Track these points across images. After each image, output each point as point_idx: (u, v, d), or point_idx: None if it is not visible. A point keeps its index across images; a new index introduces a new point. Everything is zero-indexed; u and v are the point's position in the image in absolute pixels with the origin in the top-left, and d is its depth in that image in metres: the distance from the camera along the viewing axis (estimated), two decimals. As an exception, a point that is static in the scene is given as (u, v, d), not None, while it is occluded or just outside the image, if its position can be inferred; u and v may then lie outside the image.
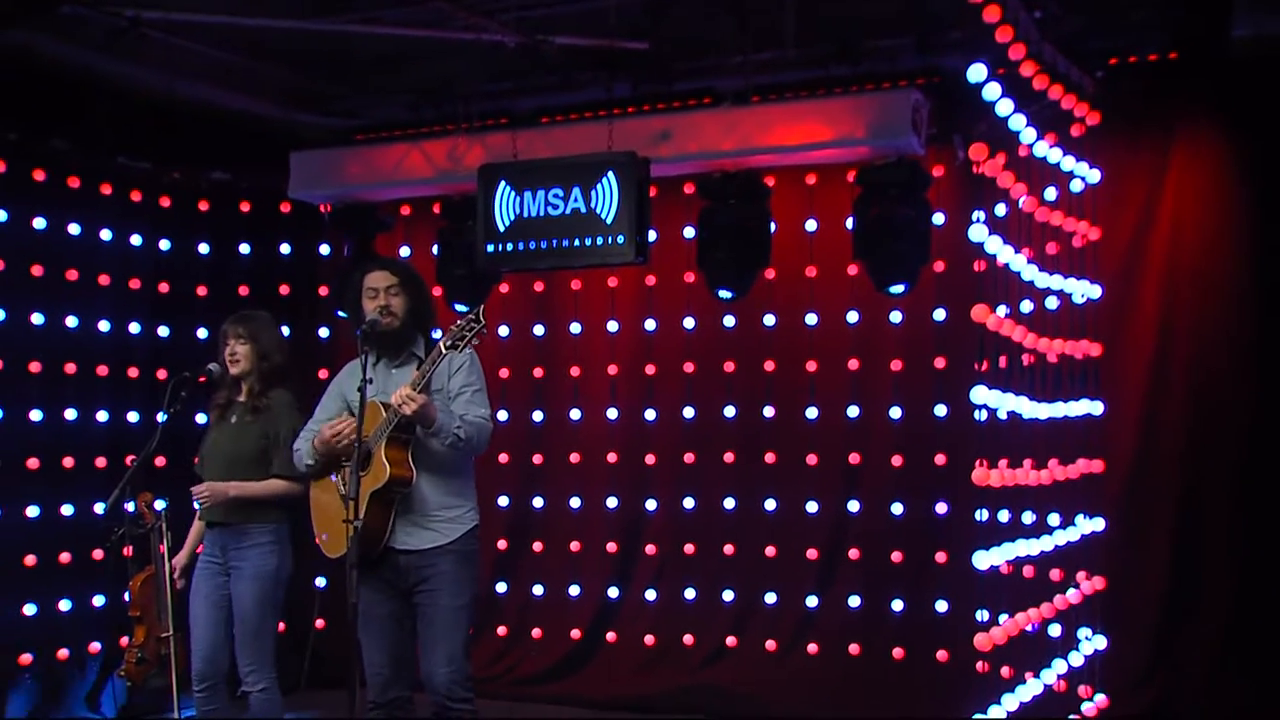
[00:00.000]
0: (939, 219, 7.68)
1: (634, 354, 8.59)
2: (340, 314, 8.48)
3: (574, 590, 8.67)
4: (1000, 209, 6.37)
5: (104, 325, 8.13)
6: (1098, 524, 7.00)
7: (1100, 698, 6.91)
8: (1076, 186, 6.98)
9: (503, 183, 7.62)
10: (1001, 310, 6.15)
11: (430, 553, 5.20)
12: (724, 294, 7.69)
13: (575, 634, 8.63)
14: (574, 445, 8.71)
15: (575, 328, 8.69)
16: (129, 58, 7.31)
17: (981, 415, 6.18)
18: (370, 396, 5.15)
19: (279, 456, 5.72)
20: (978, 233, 6.02)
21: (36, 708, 7.55)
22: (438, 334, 5.40)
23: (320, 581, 8.48)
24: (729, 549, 8.30)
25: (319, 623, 8.72)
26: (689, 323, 8.40)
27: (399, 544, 5.20)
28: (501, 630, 8.78)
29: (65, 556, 7.80)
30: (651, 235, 7.63)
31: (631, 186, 7.33)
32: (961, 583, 7.30)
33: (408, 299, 5.35)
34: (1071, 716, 6.67)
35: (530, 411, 8.76)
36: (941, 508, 7.75)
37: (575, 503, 8.70)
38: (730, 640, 8.28)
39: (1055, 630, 6.83)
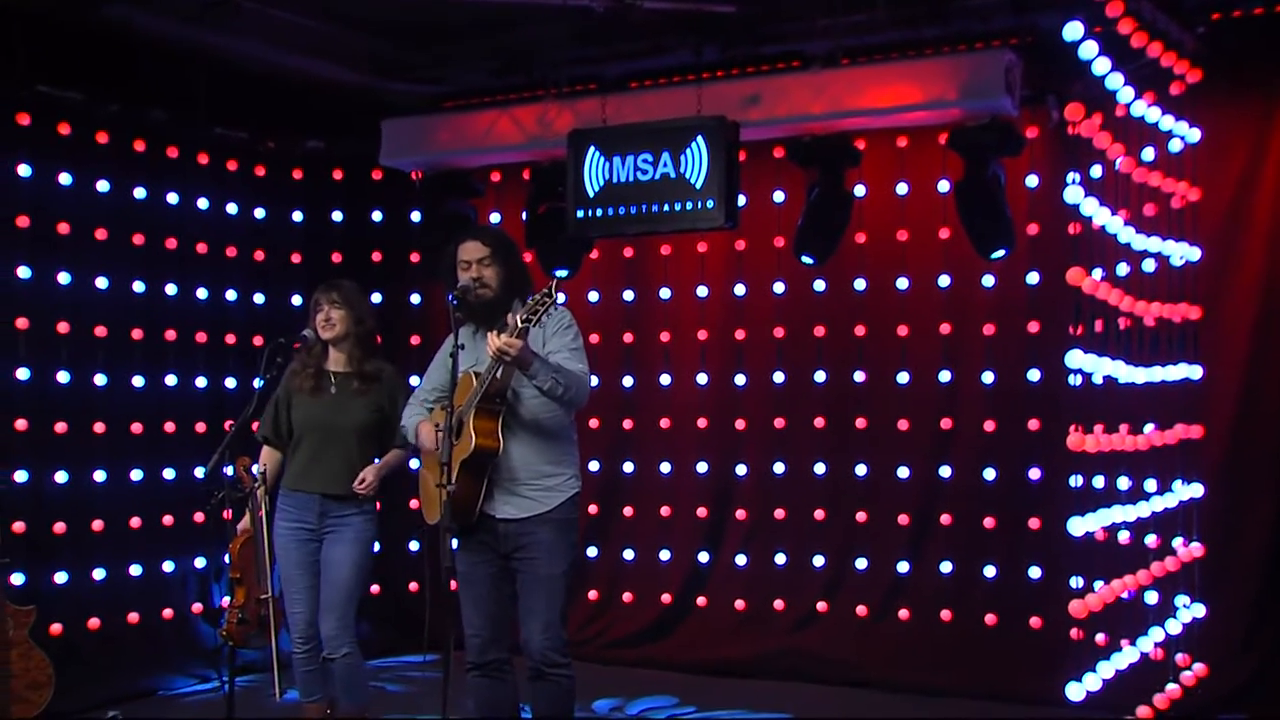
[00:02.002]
0: (1033, 181, 7.57)
1: (724, 319, 8.57)
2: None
3: (664, 555, 8.71)
4: (1096, 170, 6.27)
5: (202, 293, 8.28)
6: (1196, 490, 6.89)
7: (1199, 666, 6.81)
8: (1175, 146, 6.84)
9: (592, 148, 7.64)
10: (1097, 273, 6.06)
11: (529, 521, 5.21)
12: (806, 260, 7.65)
13: (665, 598, 8.67)
14: (664, 410, 8.73)
15: (665, 293, 8.69)
16: (224, 29, 7.41)
17: (1076, 380, 6.11)
18: (465, 365, 5.20)
19: (394, 428, 5.81)
20: (1073, 194, 5.93)
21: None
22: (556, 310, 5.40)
23: (413, 545, 8.60)
24: (819, 514, 8.28)
25: (413, 586, 8.87)
26: (779, 287, 8.35)
27: (497, 512, 5.21)
28: (593, 595, 8.85)
29: (168, 519, 7.99)
30: (741, 200, 7.61)
31: (721, 151, 7.31)
32: (1055, 549, 7.24)
33: (501, 268, 5.31)
34: (1169, 685, 6.58)
35: (620, 377, 8.79)
36: (1035, 473, 7.66)
37: (665, 468, 8.72)
38: (821, 605, 8.27)
39: (1152, 598, 6.74)
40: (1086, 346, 6.03)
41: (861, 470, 8.16)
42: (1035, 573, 7.64)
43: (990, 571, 7.80)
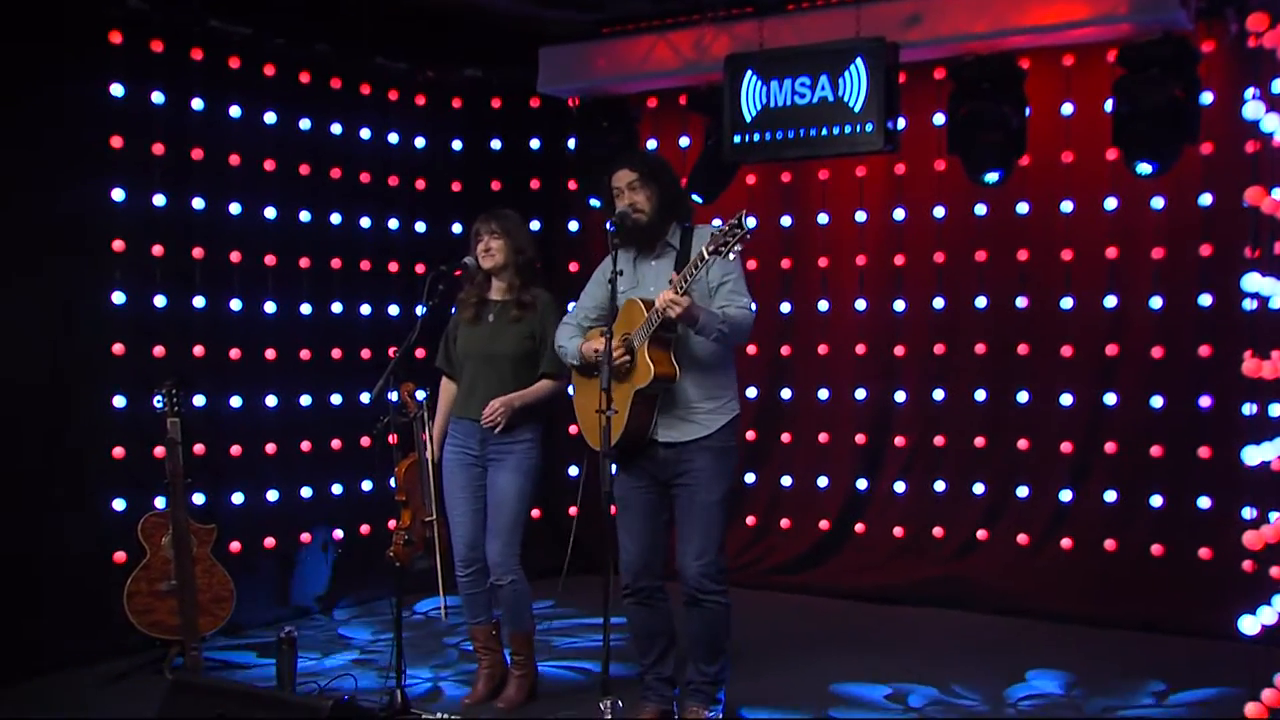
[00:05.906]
0: (1207, 98, 7.28)
1: (882, 244, 8.46)
2: (592, 202, 8.65)
3: (822, 481, 8.70)
4: (1278, 85, 5.99)
5: (365, 222, 8.44)
6: (1381, 419, 6.61)
7: (1380, 601, 6.58)
8: (1368, 57, 6.49)
9: (749, 72, 7.58)
10: (1277, 193, 5.81)
11: (690, 445, 5.31)
12: (990, 177, 7.43)
13: (824, 525, 8.67)
14: (822, 336, 8.68)
15: (823, 218, 8.61)
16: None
17: (1251, 304, 5.89)
18: (623, 290, 5.27)
19: (546, 355, 5.89)
20: (1253, 110, 5.67)
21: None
22: (708, 229, 5.38)
23: (573, 470, 8.71)
24: (980, 441, 8.18)
25: (573, 510, 9.00)
26: (939, 211, 8.21)
27: (661, 436, 5.33)
28: (750, 520, 8.89)
29: (336, 443, 8.23)
30: (900, 122, 7.48)
31: (880, 73, 7.20)
32: (1226, 479, 7.05)
33: (652, 192, 5.38)
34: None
35: (778, 303, 8.75)
36: (1205, 401, 7.44)
37: (823, 394, 8.69)
38: (981, 533, 8.19)
39: (1331, 530, 6.51)
40: (1264, 269, 5.80)
41: (1023, 397, 8.03)
42: (1205, 503, 7.45)
43: (1157, 501, 7.63)
